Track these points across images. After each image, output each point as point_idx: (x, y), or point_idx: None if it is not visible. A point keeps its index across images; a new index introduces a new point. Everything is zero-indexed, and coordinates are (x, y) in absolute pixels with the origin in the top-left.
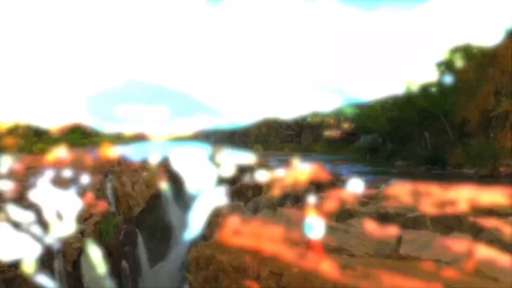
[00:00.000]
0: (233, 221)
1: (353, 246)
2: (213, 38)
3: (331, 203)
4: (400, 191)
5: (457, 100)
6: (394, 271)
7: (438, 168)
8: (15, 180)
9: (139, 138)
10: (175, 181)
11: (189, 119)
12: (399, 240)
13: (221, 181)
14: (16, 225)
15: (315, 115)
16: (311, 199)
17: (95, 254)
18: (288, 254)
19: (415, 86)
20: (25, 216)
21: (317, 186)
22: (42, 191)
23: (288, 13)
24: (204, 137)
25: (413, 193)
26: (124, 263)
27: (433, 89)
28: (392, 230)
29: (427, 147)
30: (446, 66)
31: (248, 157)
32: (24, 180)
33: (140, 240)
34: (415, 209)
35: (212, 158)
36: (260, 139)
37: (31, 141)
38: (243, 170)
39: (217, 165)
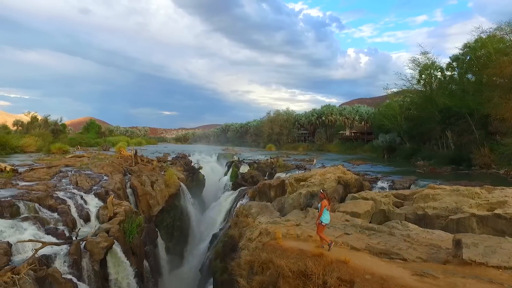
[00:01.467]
0: (274, 223)
1: (403, 250)
2: None
3: (365, 204)
4: (438, 191)
5: (484, 97)
6: (475, 281)
7: (464, 168)
8: (38, 179)
9: (152, 137)
10: (193, 180)
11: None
12: (457, 244)
13: (240, 180)
14: (44, 224)
15: (328, 114)
16: (342, 199)
17: (120, 253)
18: (346, 257)
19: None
20: (52, 215)
21: (344, 186)
22: (66, 190)
23: None
24: (216, 137)
25: (454, 194)
26: (145, 263)
27: (454, 87)
28: (442, 233)
29: (449, 146)
30: (469, 61)
31: (263, 156)
32: (47, 179)
33: (160, 239)
34: (457, 210)
35: (226, 158)
36: (273, 138)
37: (49, 140)
38: (261, 169)
39: (233, 164)
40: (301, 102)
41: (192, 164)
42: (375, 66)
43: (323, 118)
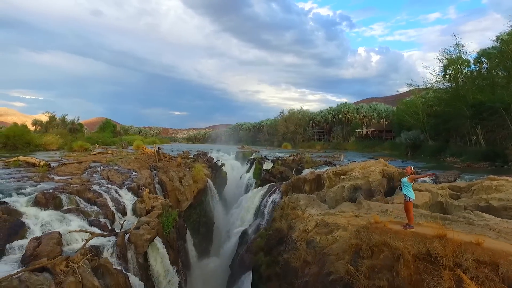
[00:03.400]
0: (328, 214)
1: (493, 239)
2: None
3: (422, 196)
4: (502, 182)
5: None
6: None
7: (499, 164)
8: (71, 173)
9: (164, 137)
10: (216, 176)
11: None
12: None
13: (269, 176)
14: (86, 216)
15: (345, 112)
16: (386, 192)
17: (161, 246)
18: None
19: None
20: (92, 207)
21: (388, 179)
22: (99, 184)
23: None
24: (228, 136)
25: None
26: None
27: (483, 81)
28: None
29: (477, 142)
30: (500, 55)
31: (282, 154)
32: (79, 173)
33: (188, 234)
34: None
35: (244, 155)
36: (288, 137)
37: (70, 138)
38: (287, 165)
39: (256, 161)
40: (311, 102)
41: (214, 161)
42: (386, 65)
43: (340, 116)
